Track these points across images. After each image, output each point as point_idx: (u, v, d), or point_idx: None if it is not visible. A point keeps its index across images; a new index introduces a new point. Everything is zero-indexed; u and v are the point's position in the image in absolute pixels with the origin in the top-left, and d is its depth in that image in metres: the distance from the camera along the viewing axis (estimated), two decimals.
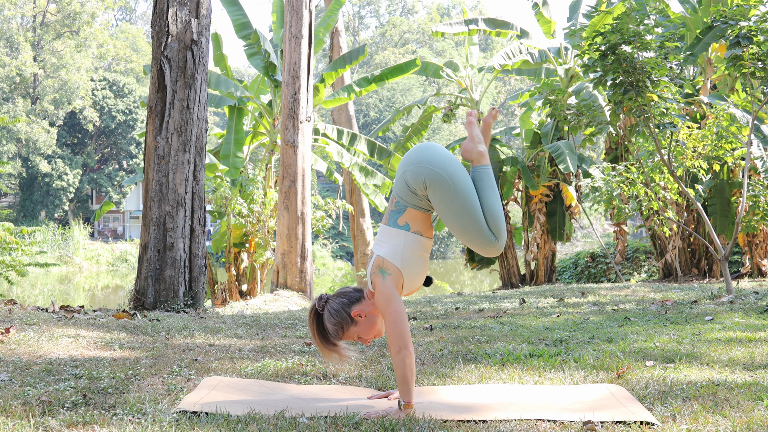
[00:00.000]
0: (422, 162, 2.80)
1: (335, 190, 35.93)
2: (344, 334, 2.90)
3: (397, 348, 2.74)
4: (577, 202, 13.26)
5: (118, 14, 63.81)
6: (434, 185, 2.78)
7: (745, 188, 7.21)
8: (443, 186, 2.77)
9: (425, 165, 2.79)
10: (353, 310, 2.88)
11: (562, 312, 6.09)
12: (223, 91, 13.33)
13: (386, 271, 2.81)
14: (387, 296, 2.79)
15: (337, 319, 2.88)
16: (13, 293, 17.19)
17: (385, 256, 2.83)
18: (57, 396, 2.91)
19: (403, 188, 2.84)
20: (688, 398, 2.90)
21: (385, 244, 2.86)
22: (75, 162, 41.17)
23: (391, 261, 2.82)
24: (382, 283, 2.80)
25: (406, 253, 2.83)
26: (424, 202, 2.84)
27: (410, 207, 2.84)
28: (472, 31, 14.15)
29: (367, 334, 2.92)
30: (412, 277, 2.85)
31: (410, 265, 2.84)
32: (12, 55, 39.42)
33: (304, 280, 11.65)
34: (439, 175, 2.77)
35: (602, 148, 22.91)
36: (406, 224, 2.84)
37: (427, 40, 57.69)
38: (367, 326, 2.90)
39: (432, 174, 2.77)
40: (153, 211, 7.30)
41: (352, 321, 2.89)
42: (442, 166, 2.79)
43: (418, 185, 2.80)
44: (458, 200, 2.78)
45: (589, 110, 7.97)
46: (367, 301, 2.91)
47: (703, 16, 11.48)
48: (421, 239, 2.85)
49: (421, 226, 2.85)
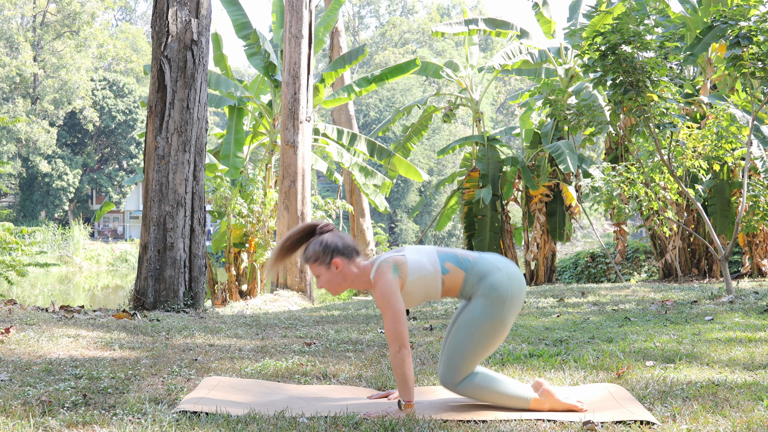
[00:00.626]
0: (509, 291, 2.82)
1: (335, 190, 35.92)
2: (312, 265, 2.90)
3: (397, 347, 2.75)
4: (577, 202, 13.25)
5: (118, 14, 63.82)
6: (486, 306, 2.80)
7: (745, 188, 7.21)
8: (489, 315, 2.80)
9: (506, 296, 2.81)
10: (336, 258, 2.87)
11: (562, 312, 6.09)
12: (223, 91, 13.33)
13: (399, 273, 2.82)
14: (391, 293, 2.79)
15: (319, 250, 2.88)
16: (13, 293, 17.18)
17: (410, 263, 2.83)
18: (57, 396, 2.91)
19: (478, 273, 2.85)
20: (688, 398, 2.90)
21: (419, 257, 2.86)
22: (75, 162, 41.16)
23: (409, 270, 2.82)
24: (390, 279, 2.80)
25: (423, 280, 2.84)
26: (467, 291, 2.87)
27: (464, 276, 2.86)
28: (472, 31, 14.14)
29: (327, 283, 2.91)
30: (407, 297, 2.86)
31: (415, 289, 2.85)
32: (12, 55, 39.41)
33: (304, 280, 11.65)
34: (498, 309, 2.81)
35: (602, 148, 22.92)
36: (448, 271, 2.86)
37: (427, 40, 57.68)
38: (335, 278, 2.90)
39: (498, 303, 2.80)
40: (153, 211, 7.29)
41: (328, 264, 2.88)
42: (509, 308, 2.82)
43: (484, 288, 2.82)
44: (481, 334, 2.81)
45: (589, 110, 7.96)
46: (354, 264, 2.90)
47: (703, 16, 11.48)
48: (439, 287, 2.87)
49: (449, 284, 2.87)
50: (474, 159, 14.37)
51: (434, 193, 41.36)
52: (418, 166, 34.68)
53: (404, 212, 46.90)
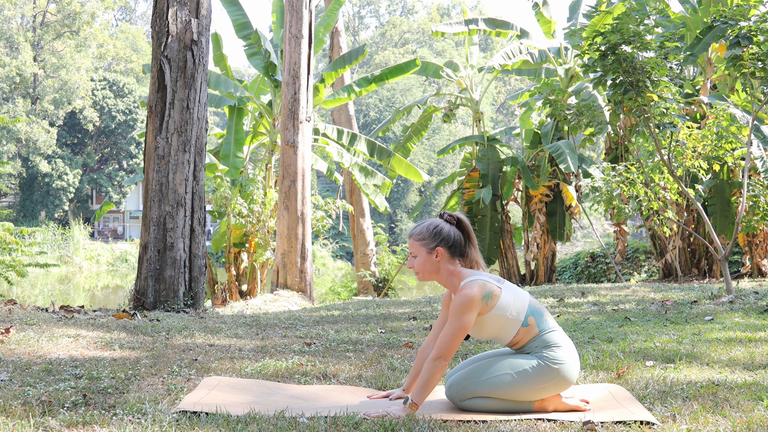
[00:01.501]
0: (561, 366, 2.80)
1: (335, 190, 35.91)
2: (416, 241, 2.90)
3: (439, 355, 2.75)
4: (577, 202, 13.25)
5: (118, 14, 63.82)
6: (538, 364, 2.79)
7: (745, 188, 7.21)
8: (533, 373, 2.79)
9: (558, 368, 2.79)
10: (440, 247, 2.88)
11: (562, 312, 6.09)
12: (223, 91, 13.33)
13: (488, 300, 2.80)
14: (469, 309, 2.77)
15: (430, 233, 2.89)
16: (13, 293, 17.19)
17: (502, 300, 2.82)
18: (57, 396, 2.91)
19: (548, 339, 2.84)
20: (688, 398, 2.90)
21: (513, 302, 2.83)
22: (75, 162, 41.16)
23: (498, 306, 2.81)
24: (476, 297, 2.78)
25: (504, 322, 2.82)
26: (528, 347, 2.86)
27: (539, 334, 2.84)
28: (472, 31, 14.14)
29: (419, 266, 2.91)
30: (478, 326, 2.85)
31: (491, 325, 2.83)
32: (12, 55, 39.41)
33: (304, 280, 11.65)
34: (543, 372, 2.79)
35: (602, 148, 22.91)
36: (528, 325, 2.84)
37: (427, 40, 57.68)
38: (428, 265, 2.90)
39: (546, 368, 2.79)
40: (153, 211, 7.29)
41: (431, 249, 2.89)
42: (548, 383, 2.79)
43: (543, 352, 2.82)
44: (516, 383, 2.79)
45: (589, 110, 7.97)
46: (452, 264, 2.90)
47: (703, 16, 11.48)
48: (513, 335, 2.85)
49: (522, 335, 2.84)
50: (474, 159, 14.37)
51: (434, 193, 41.36)
52: (418, 166, 34.71)
53: (404, 212, 46.90)
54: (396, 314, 6.36)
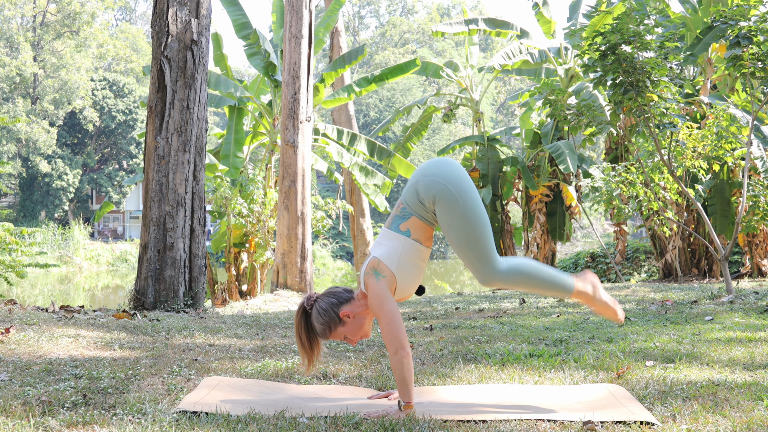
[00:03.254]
0: (437, 176, 2.80)
1: (335, 190, 35.92)
2: (331, 333, 2.89)
3: (394, 349, 2.75)
4: (577, 202, 13.26)
5: (118, 14, 63.82)
6: (443, 202, 2.78)
7: (745, 188, 7.21)
8: (453, 205, 2.77)
9: (440, 180, 2.79)
10: (342, 310, 2.87)
11: (562, 312, 6.09)
12: (223, 91, 13.33)
13: (380, 273, 2.81)
14: (381, 297, 2.78)
15: (325, 318, 2.86)
16: (13, 293, 17.18)
17: (381, 258, 2.83)
18: (57, 396, 2.91)
19: (412, 197, 2.84)
20: (688, 398, 2.90)
21: (382, 247, 2.86)
22: (75, 162, 41.16)
23: (386, 264, 2.82)
24: (376, 285, 2.80)
25: (403, 258, 2.83)
26: (429, 215, 2.84)
27: (415, 216, 2.84)
28: (472, 31, 14.14)
29: (354, 335, 2.91)
30: (405, 283, 2.85)
31: (405, 270, 2.84)
32: (12, 55, 39.41)
33: (304, 280, 11.65)
34: (450, 193, 2.77)
35: (602, 148, 22.92)
36: (408, 231, 2.84)
37: (427, 40, 57.68)
38: (355, 327, 2.89)
39: (444, 190, 2.77)
40: (153, 211, 7.30)
41: (340, 321, 2.88)
42: (456, 185, 2.78)
43: (427, 198, 2.80)
44: (466, 221, 2.77)
45: (589, 110, 7.96)
46: (357, 301, 2.90)
47: (703, 16, 11.48)
48: (420, 247, 2.85)
49: (422, 235, 2.85)
50: (474, 159, 14.37)
51: None
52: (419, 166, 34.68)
53: None
54: None
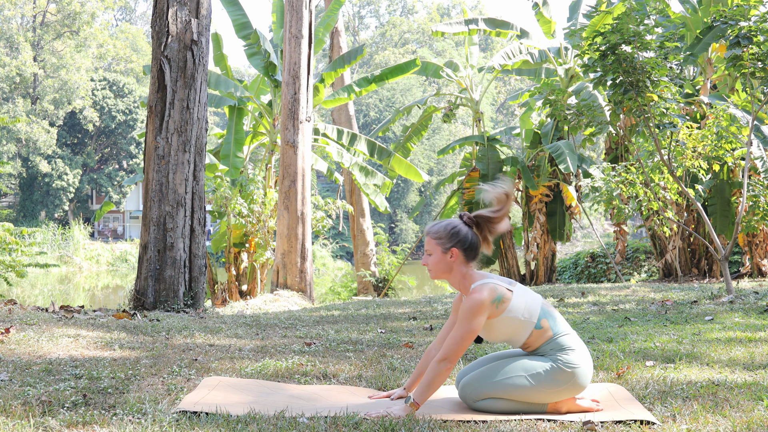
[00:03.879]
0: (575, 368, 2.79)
1: (335, 190, 35.91)
2: (432, 239, 2.88)
3: (444, 357, 2.74)
4: (577, 202, 13.25)
5: (118, 14, 63.81)
6: (552, 367, 2.77)
7: (745, 188, 7.21)
8: (546, 376, 2.77)
9: (572, 370, 2.78)
10: (456, 248, 2.86)
11: (562, 312, 6.09)
12: (223, 91, 13.33)
13: (498, 304, 2.78)
14: (479, 313, 2.76)
15: (447, 233, 2.87)
16: (13, 293, 17.18)
17: (513, 304, 2.80)
18: (57, 396, 2.91)
19: (562, 342, 2.82)
20: (688, 398, 2.90)
21: (525, 304, 2.81)
22: (75, 162, 41.16)
23: (509, 309, 2.79)
24: (486, 301, 2.77)
25: (516, 324, 2.81)
26: (542, 349, 2.83)
27: (553, 337, 2.83)
28: (472, 31, 14.14)
29: (433, 264, 2.89)
30: (490, 328, 2.83)
31: (502, 328, 2.82)
32: (12, 55, 39.40)
33: (304, 280, 11.65)
34: (556, 375, 2.77)
35: (602, 148, 22.92)
36: (541, 328, 2.82)
37: (427, 40, 57.67)
38: (441, 263, 2.88)
39: (559, 371, 2.77)
40: (153, 211, 7.29)
41: (446, 248, 2.87)
42: (560, 386, 2.77)
43: (557, 354, 2.80)
44: (527, 385, 2.77)
45: (589, 110, 7.96)
46: (466, 266, 2.88)
47: (703, 16, 11.48)
48: (526, 338, 2.83)
49: (535, 338, 2.82)
50: (474, 159, 14.37)
51: (434, 193, 41.36)
52: (418, 166, 34.70)
53: (404, 212, 46.89)
54: (396, 314, 6.36)
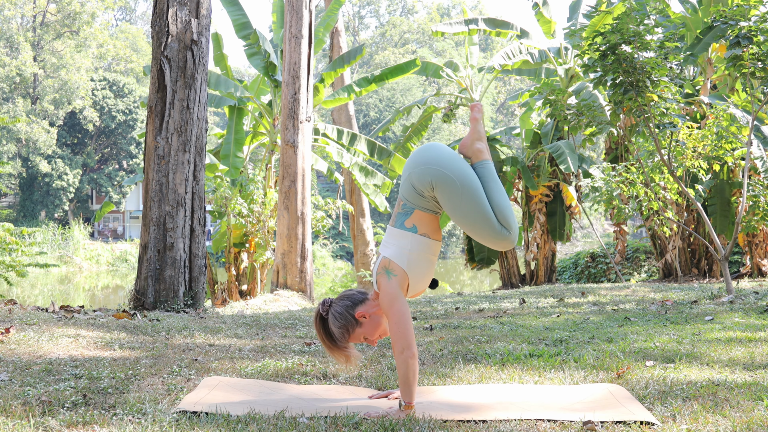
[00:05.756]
0: (428, 163, 2.80)
1: (335, 190, 35.92)
2: (350, 336, 2.90)
3: (401, 348, 2.75)
4: (577, 202, 13.26)
5: (118, 14, 63.81)
6: (441, 185, 2.77)
7: (745, 188, 7.21)
8: (450, 185, 2.77)
9: (431, 166, 2.78)
10: (357, 311, 2.89)
11: (562, 312, 6.09)
12: (223, 91, 13.33)
13: (392, 272, 2.81)
14: (391, 297, 2.79)
15: (341, 322, 2.88)
16: (13, 293, 17.18)
17: (391, 257, 2.83)
18: (57, 396, 2.91)
19: (409, 190, 2.83)
20: (688, 398, 2.90)
21: (391, 246, 2.85)
22: (75, 162, 41.16)
23: (396, 262, 2.82)
24: (387, 284, 2.80)
25: (413, 255, 2.83)
26: (431, 203, 2.84)
27: (417, 209, 2.84)
28: (472, 31, 14.14)
29: (372, 335, 2.92)
30: (417, 279, 2.85)
31: (416, 267, 2.84)
32: (12, 55, 39.41)
33: (304, 280, 11.65)
34: (445, 175, 2.77)
35: (602, 148, 22.93)
36: (414, 226, 2.84)
37: (427, 40, 57.67)
38: (372, 327, 2.91)
39: (438, 174, 2.77)
40: (153, 211, 7.29)
41: (356, 323, 2.89)
42: (447, 166, 2.78)
43: (424, 187, 2.79)
44: (466, 198, 2.77)
45: (589, 110, 7.97)
46: (372, 302, 2.92)
47: (703, 16, 11.48)
48: (429, 241, 2.85)
49: (429, 228, 2.85)
50: None
51: None
52: None
53: None
54: None
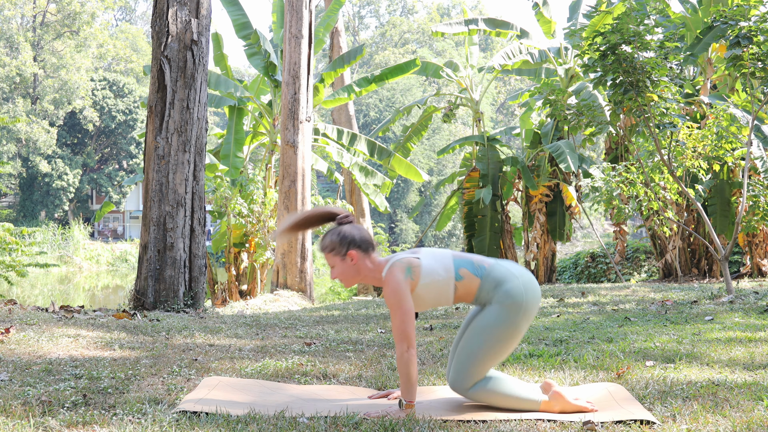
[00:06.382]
0: (523, 297, 2.79)
1: (335, 190, 35.91)
2: (329, 254, 2.89)
3: (405, 347, 2.75)
4: (577, 202, 13.25)
5: (118, 14, 63.81)
6: (503, 312, 2.78)
7: (745, 188, 7.21)
8: (506, 321, 2.78)
9: (522, 301, 2.79)
10: (352, 250, 2.86)
11: (562, 312, 6.09)
12: (223, 91, 13.33)
13: (413, 274, 2.81)
14: (402, 294, 2.78)
15: (336, 241, 2.87)
16: (13, 293, 17.18)
17: (424, 266, 2.82)
18: (57, 396, 2.91)
19: (494, 278, 2.83)
20: (688, 398, 2.90)
21: (434, 261, 2.84)
22: (75, 162, 41.16)
23: (423, 274, 2.81)
24: (401, 279, 2.79)
25: (436, 285, 2.82)
26: (484, 298, 2.85)
27: (481, 282, 2.84)
28: (472, 31, 14.14)
29: (340, 274, 2.91)
30: (418, 301, 2.85)
31: (427, 294, 2.84)
32: (12, 55, 39.40)
33: (304, 280, 11.65)
34: (515, 314, 2.78)
35: (602, 148, 22.92)
36: (462, 277, 2.84)
37: (427, 40, 57.67)
38: (346, 270, 2.89)
39: (515, 309, 2.77)
40: (153, 211, 7.29)
41: (343, 255, 2.87)
42: (524, 314, 2.79)
43: (500, 294, 2.80)
44: (496, 339, 2.78)
45: (589, 110, 7.96)
46: (369, 258, 2.89)
47: (703, 16, 11.48)
48: (452, 292, 2.85)
49: (464, 289, 2.84)
50: (474, 159, 14.37)
51: (434, 193, 41.36)
52: (418, 166, 34.70)
53: (404, 212, 46.89)
54: None
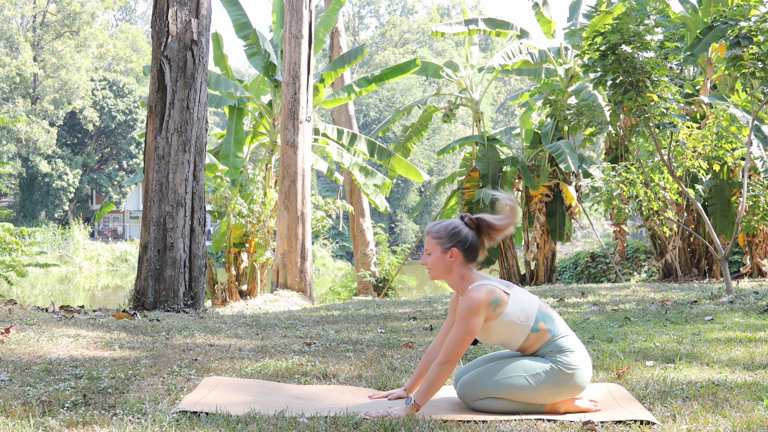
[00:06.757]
0: (574, 371, 2.79)
1: (335, 190, 35.91)
2: (432, 239, 2.90)
3: (447, 359, 2.75)
4: (577, 202, 13.25)
5: (118, 14, 63.81)
6: (551, 368, 2.78)
7: (745, 188, 7.21)
8: (546, 377, 2.78)
9: (571, 371, 2.79)
10: (455, 248, 2.86)
11: (562, 312, 6.09)
12: (223, 91, 13.33)
13: (494, 308, 2.79)
14: (476, 315, 2.77)
15: (447, 233, 2.88)
16: (13, 293, 17.19)
17: (509, 308, 2.81)
18: (57, 396, 2.91)
19: (561, 344, 2.83)
20: (688, 398, 2.90)
21: (521, 308, 2.82)
22: (75, 162, 41.16)
23: (505, 312, 2.80)
24: (484, 302, 2.78)
25: (512, 328, 2.82)
26: (542, 351, 2.84)
27: (551, 339, 2.84)
28: (472, 31, 14.14)
29: (432, 264, 2.91)
30: (487, 331, 2.84)
31: (499, 331, 2.83)
32: (12, 55, 39.40)
33: (304, 280, 11.65)
34: (556, 376, 2.78)
35: (602, 148, 22.92)
36: (538, 331, 2.83)
37: (427, 40, 57.67)
38: (440, 263, 2.89)
39: (559, 373, 2.78)
40: (153, 211, 7.29)
41: (446, 248, 2.87)
42: (560, 387, 2.79)
43: (556, 357, 2.80)
44: (528, 385, 2.78)
45: (589, 110, 7.97)
46: (465, 267, 2.89)
47: (703, 16, 11.48)
48: (523, 341, 2.84)
49: (533, 341, 2.83)
50: (474, 159, 14.37)
51: (434, 193, 41.37)
52: (418, 166, 34.69)
53: (404, 212, 46.89)
54: (396, 314, 6.36)
